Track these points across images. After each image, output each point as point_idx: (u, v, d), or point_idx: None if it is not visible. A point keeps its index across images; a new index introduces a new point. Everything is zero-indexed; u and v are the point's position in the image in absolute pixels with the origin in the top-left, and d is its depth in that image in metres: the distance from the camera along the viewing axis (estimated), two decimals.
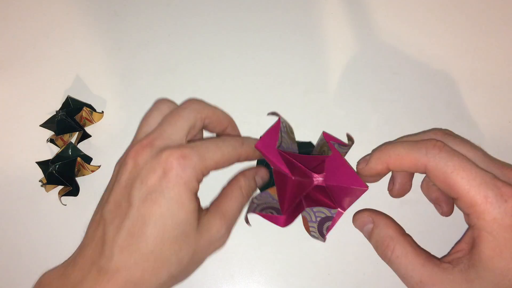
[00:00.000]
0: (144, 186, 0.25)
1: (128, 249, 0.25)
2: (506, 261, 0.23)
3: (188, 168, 0.25)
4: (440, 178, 0.24)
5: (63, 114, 0.34)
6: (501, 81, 0.37)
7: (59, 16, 0.40)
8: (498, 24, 0.38)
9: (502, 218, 0.23)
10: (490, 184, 0.23)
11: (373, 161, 0.28)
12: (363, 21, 0.38)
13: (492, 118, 0.36)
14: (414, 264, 0.25)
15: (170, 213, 0.25)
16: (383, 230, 0.28)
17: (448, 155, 0.24)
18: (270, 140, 0.31)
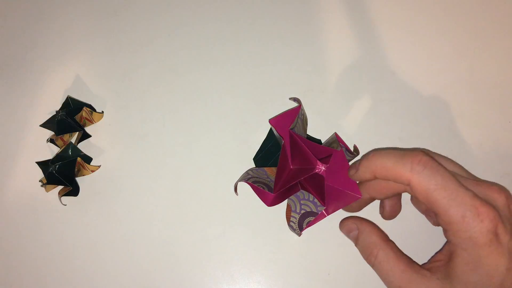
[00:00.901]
0: None
1: None
2: (480, 276, 0.24)
3: None
4: (422, 194, 0.25)
5: (63, 114, 0.34)
6: (501, 81, 0.37)
7: (59, 16, 0.40)
8: (498, 24, 0.38)
9: (477, 237, 0.24)
10: (469, 204, 0.24)
11: (361, 170, 0.29)
12: (363, 21, 0.38)
13: (492, 118, 0.36)
14: (395, 270, 0.27)
15: None
16: (367, 236, 0.29)
17: (431, 172, 0.25)
18: (284, 121, 0.32)
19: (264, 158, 0.35)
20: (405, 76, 0.37)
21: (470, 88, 0.37)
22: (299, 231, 0.32)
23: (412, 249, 0.30)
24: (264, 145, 0.35)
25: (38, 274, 0.34)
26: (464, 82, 0.37)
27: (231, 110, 0.37)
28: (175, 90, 0.37)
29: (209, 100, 0.37)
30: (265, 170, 0.33)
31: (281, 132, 0.31)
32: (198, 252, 0.34)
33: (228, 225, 0.34)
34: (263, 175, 0.33)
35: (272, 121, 0.32)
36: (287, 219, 0.33)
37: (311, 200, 0.32)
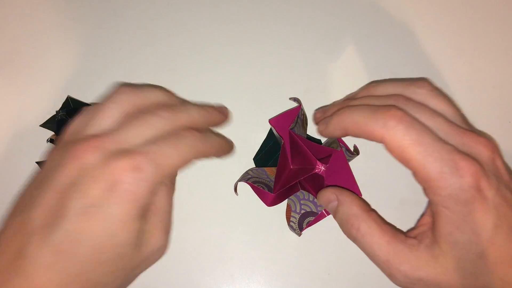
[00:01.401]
0: (84, 197, 0.21)
1: (54, 268, 0.21)
2: (466, 234, 0.23)
3: (142, 181, 0.22)
4: (396, 151, 0.24)
5: (63, 114, 0.34)
6: (501, 81, 0.37)
7: (59, 16, 0.40)
8: (498, 24, 0.38)
9: (457, 194, 0.22)
10: (447, 159, 0.23)
11: (331, 126, 0.27)
12: (363, 21, 0.38)
13: (492, 118, 0.36)
14: (380, 242, 0.25)
15: (110, 232, 0.22)
16: (347, 208, 0.27)
17: (405, 127, 0.23)
18: (284, 121, 0.31)
19: (264, 158, 0.35)
20: (405, 76, 0.37)
21: (470, 88, 0.37)
22: (299, 231, 0.32)
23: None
24: (264, 145, 0.35)
25: None
26: (464, 82, 0.37)
27: (231, 110, 0.37)
28: (175, 90, 0.37)
29: (209, 100, 0.37)
30: (265, 170, 0.33)
31: (281, 132, 0.31)
32: (198, 252, 0.34)
33: (228, 225, 0.34)
34: (263, 175, 0.33)
35: (272, 121, 0.32)
36: (287, 219, 0.33)
37: (311, 200, 0.32)
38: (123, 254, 0.23)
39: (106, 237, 0.22)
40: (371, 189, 0.34)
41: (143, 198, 0.22)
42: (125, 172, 0.22)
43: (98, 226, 0.21)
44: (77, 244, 0.21)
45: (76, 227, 0.21)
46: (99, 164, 0.22)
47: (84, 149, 0.22)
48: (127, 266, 0.23)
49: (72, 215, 0.21)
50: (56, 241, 0.21)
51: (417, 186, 0.33)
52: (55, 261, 0.21)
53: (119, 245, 0.22)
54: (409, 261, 0.24)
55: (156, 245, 0.24)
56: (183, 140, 0.25)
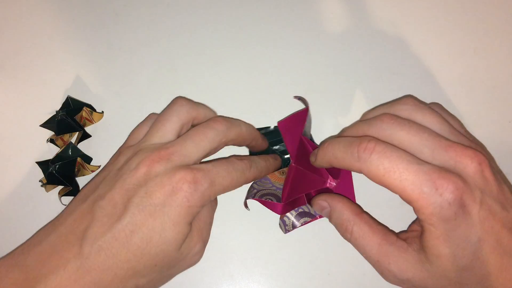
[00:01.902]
0: (148, 197, 0.25)
1: (106, 252, 0.24)
2: (451, 248, 0.23)
3: (197, 193, 0.26)
4: (375, 180, 0.25)
5: (63, 114, 0.34)
6: (501, 81, 0.37)
7: (59, 16, 0.40)
8: (498, 24, 0.38)
9: (439, 212, 0.23)
10: (424, 180, 0.23)
11: (318, 160, 0.29)
12: (363, 21, 0.38)
13: (492, 118, 0.36)
14: (371, 244, 0.27)
15: (161, 229, 0.25)
16: (339, 214, 0.28)
17: (378, 158, 0.24)
18: (294, 123, 0.32)
19: None
20: (405, 76, 0.37)
21: (470, 88, 0.37)
22: (291, 228, 0.32)
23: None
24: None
25: None
26: (464, 82, 0.37)
27: (231, 110, 0.37)
28: (175, 90, 0.37)
29: (209, 100, 0.37)
30: (269, 178, 0.33)
31: (292, 137, 0.31)
32: None
33: (228, 225, 0.34)
34: (268, 184, 0.33)
35: (281, 124, 0.32)
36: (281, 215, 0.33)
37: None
38: (166, 251, 0.26)
39: (157, 233, 0.25)
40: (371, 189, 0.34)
41: (195, 207, 0.26)
42: (186, 182, 0.25)
43: (154, 222, 0.25)
44: (132, 235, 0.25)
45: (135, 221, 0.25)
46: (165, 173, 0.26)
47: (154, 160, 0.26)
48: (165, 263, 0.26)
49: (134, 210, 0.25)
50: (115, 230, 0.24)
51: None
52: (110, 247, 0.24)
53: (165, 242, 0.25)
54: (397, 262, 0.26)
55: (193, 250, 0.28)
56: (237, 167, 0.29)
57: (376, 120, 0.27)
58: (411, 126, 0.26)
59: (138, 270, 0.25)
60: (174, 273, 0.29)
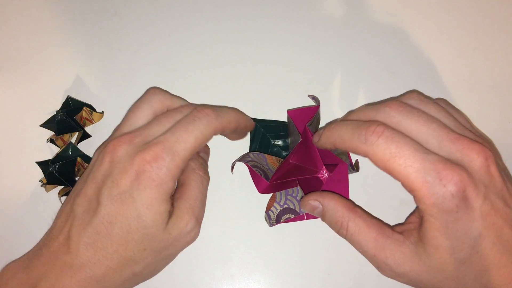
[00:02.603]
0: (115, 186, 0.25)
1: (93, 247, 0.25)
2: (450, 240, 0.23)
3: (161, 169, 0.25)
4: (380, 165, 0.24)
5: (63, 114, 0.34)
6: (501, 81, 0.37)
7: (59, 16, 0.40)
8: (498, 24, 0.38)
9: (441, 203, 0.23)
10: (429, 169, 0.23)
11: (322, 140, 0.29)
12: (363, 21, 0.38)
13: (492, 118, 0.36)
14: (367, 239, 0.26)
15: (137, 215, 0.25)
16: (333, 211, 0.28)
17: (386, 142, 0.24)
18: (303, 115, 0.32)
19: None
20: (405, 76, 0.37)
21: (470, 88, 0.37)
22: (274, 223, 0.32)
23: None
24: (252, 146, 0.35)
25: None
26: (464, 82, 0.37)
27: None
28: (175, 90, 0.37)
29: (208, 100, 0.37)
30: (266, 157, 0.33)
31: (298, 126, 0.31)
32: (198, 252, 0.34)
33: (228, 225, 0.34)
34: (263, 161, 0.33)
35: (290, 113, 0.32)
36: (268, 207, 0.33)
37: (297, 198, 0.32)
38: (151, 235, 0.26)
39: (134, 219, 0.25)
40: (372, 189, 0.34)
41: (165, 183, 0.25)
42: (146, 163, 0.25)
43: (127, 210, 0.25)
44: (111, 226, 0.25)
45: (110, 212, 0.25)
46: (128, 157, 0.26)
47: (115, 145, 0.26)
48: (155, 246, 0.26)
49: (106, 201, 0.25)
50: (94, 224, 0.25)
51: None
52: (95, 241, 0.25)
53: (145, 226, 0.25)
54: (394, 256, 0.25)
55: (185, 228, 0.27)
56: (197, 121, 0.27)
57: (384, 107, 0.26)
58: (420, 115, 0.25)
59: (129, 258, 0.26)
60: (171, 253, 0.28)
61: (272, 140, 0.35)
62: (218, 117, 0.28)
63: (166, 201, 0.26)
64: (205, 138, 0.27)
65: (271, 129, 0.35)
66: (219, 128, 0.28)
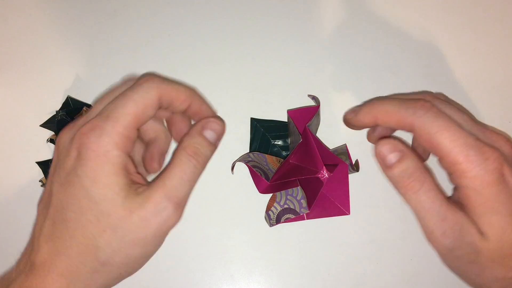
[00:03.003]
0: (62, 170, 0.24)
1: (51, 238, 0.24)
2: (500, 215, 0.24)
3: (101, 137, 0.23)
4: (424, 137, 0.25)
5: (63, 114, 0.34)
6: (501, 81, 0.37)
7: (59, 16, 0.40)
8: (498, 24, 0.38)
9: (483, 175, 0.24)
10: (472, 144, 0.24)
11: (362, 114, 0.28)
12: (363, 21, 0.38)
13: (492, 118, 0.36)
14: (442, 201, 0.25)
15: (85, 192, 0.23)
16: (413, 161, 0.26)
17: (434, 116, 0.25)
18: (303, 115, 0.32)
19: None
20: (405, 76, 0.37)
21: (470, 88, 0.37)
22: (275, 223, 0.32)
23: None
24: (252, 146, 0.35)
25: None
26: (464, 82, 0.37)
27: (231, 110, 0.37)
28: None
29: (209, 100, 0.37)
30: (266, 157, 0.33)
31: (298, 126, 0.31)
32: (198, 252, 0.34)
33: (228, 225, 0.34)
34: (263, 161, 0.33)
35: (290, 113, 0.32)
36: (268, 207, 0.33)
37: (297, 198, 0.32)
38: (106, 212, 0.23)
39: (84, 197, 0.23)
40: (372, 188, 0.34)
41: (108, 152, 0.23)
42: (85, 135, 0.24)
43: (75, 189, 0.23)
44: (64, 211, 0.24)
45: (60, 197, 0.24)
46: (69, 140, 0.25)
47: (60, 135, 0.26)
48: (116, 225, 0.23)
49: (56, 189, 0.24)
50: (50, 215, 0.24)
51: None
52: (52, 232, 0.24)
53: (96, 202, 0.23)
54: (463, 225, 0.25)
55: (155, 208, 0.24)
56: (137, 87, 0.25)
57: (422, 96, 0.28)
58: (451, 106, 0.27)
59: (89, 244, 0.23)
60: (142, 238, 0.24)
61: (272, 140, 0.35)
62: (163, 83, 0.26)
63: (115, 172, 0.23)
64: (147, 103, 0.25)
65: (271, 129, 0.35)
66: (165, 95, 0.26)
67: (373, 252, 0.33)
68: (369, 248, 0.33)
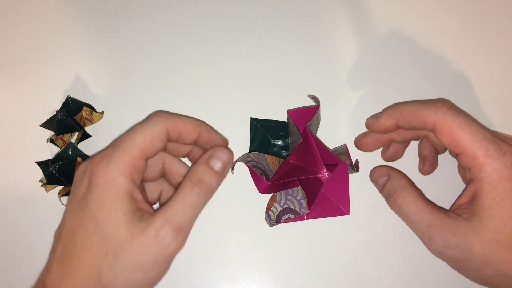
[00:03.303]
0: (75, 198, 0.26)
1: (61, 261, 0.25)
2: (506, 209, 0.25)
3: (109, 165, 0.25)
4: (446, 133, 0.27)
5: (63, 114, 0.34)
6: (501, 81, 0.37)
7: (59, 16, 0.40)
8: (498, 24, 0.38)
9: (501, 169, 0.25)
10: (491, 140, 0.26)
11: (384, 117, 0.30)
12: (363, 21, 0.38)
13: (492, 118, 0.36)
14: (423, 210, 0.28)
15: (91, 217, 0.24)
16: (396, 181, 0.30)
17: (455, 113, 0.27)
18: (303, 115, 0.32)
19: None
20: (405, 76, 0.37)
21: (470, 88, 0.37)
22: (275, 223, 0.32)
23: None
24: (252, 146, 0.35)
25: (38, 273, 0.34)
26: (464, 82, 0.37)
27: (231, 110, 0.37)
28: (175, 90, 0.37)
29: (209, 100, 0.37)
30: (266, 157, 0.33)
31: (298, 126, 0.32)
32: (198, 252, 0.34)
33: (228, 225, 0.34)
34: (263, 161, 0.33)
35: (290, 113, 0.32)
36: (268, 207, 0.33)
37: (297, 198, 0.32)
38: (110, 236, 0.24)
39: (90, 221, 0.24)
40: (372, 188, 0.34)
41: (115, 179, 0.25)
42: (95, 164, 0.25)
43: (84, 214, 0.25)
44: (74, 236, 0.25)
45: (72, 223, 0.25)
46: (84, 169, 0.26)
47: (79, 166, 0.27)
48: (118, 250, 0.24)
49: (68, 215, 0.26)
50: (62, 239, 0.25)
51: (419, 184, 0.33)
52: (63, 255, 0.25)
53: (101, 226, 0.24)
54: (448, 226, 0.27)
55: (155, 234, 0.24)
56: (146, 121, 0.27)
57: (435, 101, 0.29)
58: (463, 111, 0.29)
59: (93, 268, 0.24)
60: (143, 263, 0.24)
61: (272, 140, 0.35)
62: (170, 116, 0.28)
63: (121, 198, 0.24)
64: (154, 135, 0.26)
65: (271, 129, 0.35)
66: (173, 128, 0.27)
67: (373, 252, 0.33)
68: (369, 248, 0.33)
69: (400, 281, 0.33)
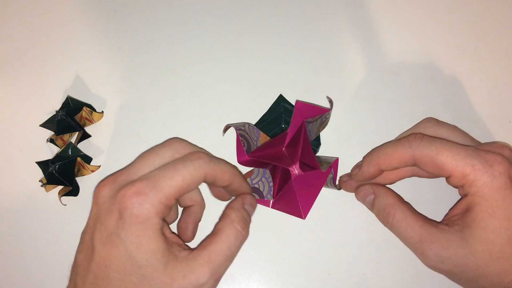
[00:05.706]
0: (104, 228, 0.25)
1: None
2: (498, 220, 0.25)
3: (144, 204, 0.24)
4: (428, 163, 0.27)
5: (63, 114, 0.34)
6: (501, 81, 0.37)
7: (59, 16, 0.40)
8: (498, 24, 0.38)
9: (491, 181, 0.25)
10: (474, 155, 0.26)
11: (365, 165, 0.30)
12: (363, 21, 0.38)
13: (492, 118, 0.36)
14: (413, 226, 0.27)
15: (128, 255, 0.24)
16: (384, 199, 0.29)
17: (429, 142, 0.27)
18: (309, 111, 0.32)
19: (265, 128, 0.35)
20: (405, 76, 0.37)
21: (470, 88, 0.37)
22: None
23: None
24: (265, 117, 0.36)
25: (38, 274, 0.34)
26: (464, 82, 0.37)
27: (231, 110, 0.37)
28: (175, 90, 0.37)
29: (209, 100, 0.37)
30: (260, 133, 0.34)
31: (296, 117, 0.32)
32: None
33: None
34: (254, 135, 0.33)
35: (299, 104, 0.32)
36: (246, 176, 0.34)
37: (270, 184, 0.33)
38: (149, 276, 0.24)
39: (127, 260, 0.24)
40: None
41: (149, 219, 0.24)
42: (127, 199, 0.24)
43: (118, 251, 0.24)
44: (107, 270, 0.24)
45: (103, 256, 0.25)
46: (110, 196, 0.25)
47: (99, 187, 0.26)
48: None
49: (98, 246, 0.25)
50: (92, 269, 0.25)
51: (417, 186, 0.33)
52: (95, 285, 0.25)
53: (140, 267, 0.24)
54: (440, 241, 0.26)
55: (196, 281, 0.25)
56: (187, 162, 0.26)
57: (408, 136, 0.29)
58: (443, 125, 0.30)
59: None
60: None
61: (283, 123, 0.35)
62: (211, 163, 0.27)
63: (156, 238, 0.25)
64: (193, 179, 0.26)
65: (289, 113, 0.35)
66: (211, 174, 0.27)
67: (373, 252, 0.33)
68: (369, 248, 0.33)
69: (400, 281, 0.33)
